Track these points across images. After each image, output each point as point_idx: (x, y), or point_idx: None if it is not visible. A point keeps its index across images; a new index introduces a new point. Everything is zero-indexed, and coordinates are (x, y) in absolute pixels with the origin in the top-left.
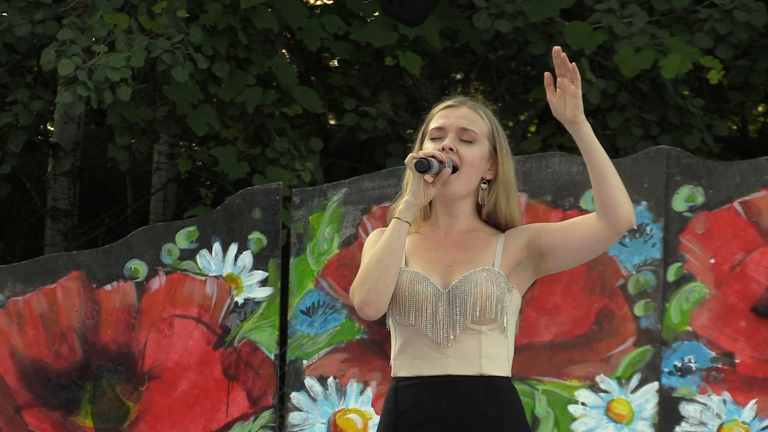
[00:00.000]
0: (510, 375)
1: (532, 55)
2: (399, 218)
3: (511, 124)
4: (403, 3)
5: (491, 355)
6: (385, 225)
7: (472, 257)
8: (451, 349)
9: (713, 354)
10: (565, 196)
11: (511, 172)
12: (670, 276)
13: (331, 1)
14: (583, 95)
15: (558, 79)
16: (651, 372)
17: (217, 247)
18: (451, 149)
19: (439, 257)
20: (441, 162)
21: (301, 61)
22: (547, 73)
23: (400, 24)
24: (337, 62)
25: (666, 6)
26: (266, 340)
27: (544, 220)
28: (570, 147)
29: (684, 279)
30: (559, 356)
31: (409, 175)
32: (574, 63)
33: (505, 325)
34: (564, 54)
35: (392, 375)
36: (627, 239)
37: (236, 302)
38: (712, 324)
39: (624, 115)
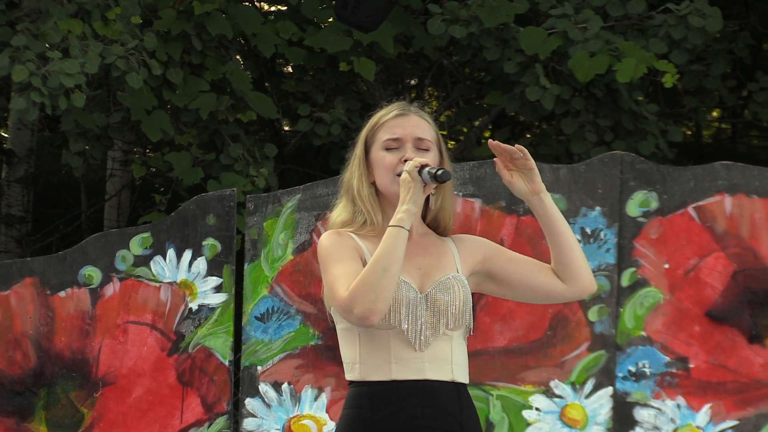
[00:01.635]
0: (468, 382)
1: (487, 61)
2: (402, 227)
3: (465, 129)
4: (357, 9)
5: (459, 361)
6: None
7: (439, 262)
8: (426, 353)
9: (667, 359)
10: (520, 201)
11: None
12: (624, 281)
13: (285, 7)
14: (538, 101)
15: (509, 161)
16: (605, 377)
17: (171, 253)
18: (407, 161)
19: (407, 260)
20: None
21: (256, 67)
22: (495, 159)
23: (354, 30)
24: (292, 68)
25: (620, 12)
26: (221, 346)
27: (498, 226)
28: None
29: (638, 284)
30: (513, 362)
31: (409, 184)
32: (517, 145)
33: (471, 329)
34: (496, 143)
35: (358, 379)
36: (581, 244)
37: (190, 308)
38: (666, 329)
39: (578, 120)
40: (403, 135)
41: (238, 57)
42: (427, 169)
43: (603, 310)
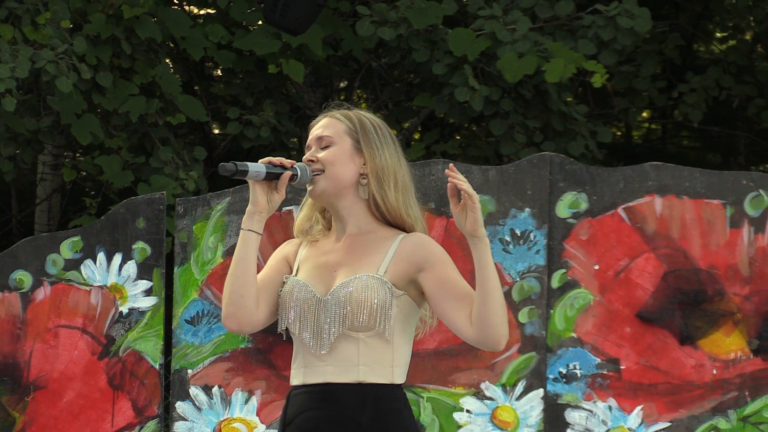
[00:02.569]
0: (396, 382)
1: (416, 63)
2: (243, 228)
3: (394, 132)
4: (285, 12)
5: (370, 362)
6: (270, 233)
7: (357, 262)
8: (329, 356)
9: (598, 360)
10: (449, 203)
11: (387, 161)
12: (555, 283)
13: (214, 11)
14: (467, 102)
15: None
16: (536, 379)
17: (101, 257)
18: (311, 160)
19: (327, 263)
20: (281, 166)
21: (185, 70)
22: (449, 184)
23: (282, 33)
24: (221, 71)
25: (549, 13)
26: (151, 349)
27: (428, 227)
28: (453, 154)
29: (568, 285)
30: (443, 364)
31: (250, 184)
32: (465, 187)
33: (387, 332)
34: (453, 175)
35: (290, 384)
36: (511, 246)
37: (121, 312)
38: (596, 330)
39: (507, 122)
40: (309, 141)
41: (167, 60)
42: (246, 164)
43: (533, 312)
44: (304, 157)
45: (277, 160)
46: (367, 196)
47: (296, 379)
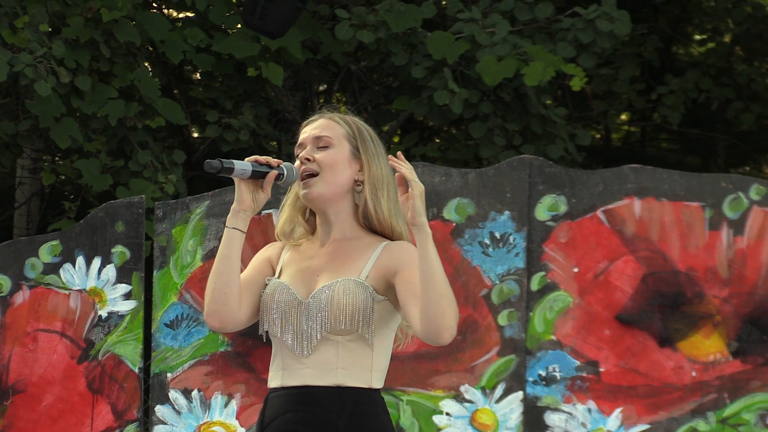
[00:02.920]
0: (375, 386)
1: (395, 66)
2: (227, 226)
3: None
4: (264, 15)
5: (349, 366)
6: (250, 237)
7: (339, 267)
8: (309, 359)
9: (578, 363)
10: (428, 206)
11: (382, 171)
12: (534, 285)
13: (193, 14)
14: (446, 105)
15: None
16: (515, 381)
17: (80, 260)
18: (308, 159)
19: (310, 267)
20: (267, 165)
21: (164, 73)
22: (398, 174)
23: (262, 36)
24: (200, 74)
25: (528, 16)
26: (130, 353)
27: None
28: (433, 157)
29: (548, 288)
30: (423, 366)
31: (236, 182)
32: (407, 174)
33: (368, 336)
34: (398, 162)
35: (268, 386)
36: (490, 249)
37: (100, 316)
38: (576, 333)
39: (487, 125)
40: (304, 140)
41: (146, 64)
42: (231, 162)
43: (513, 315)
44: (300, 155)
45: (263, 158)
46: (360, 203)
47: (274, 381)
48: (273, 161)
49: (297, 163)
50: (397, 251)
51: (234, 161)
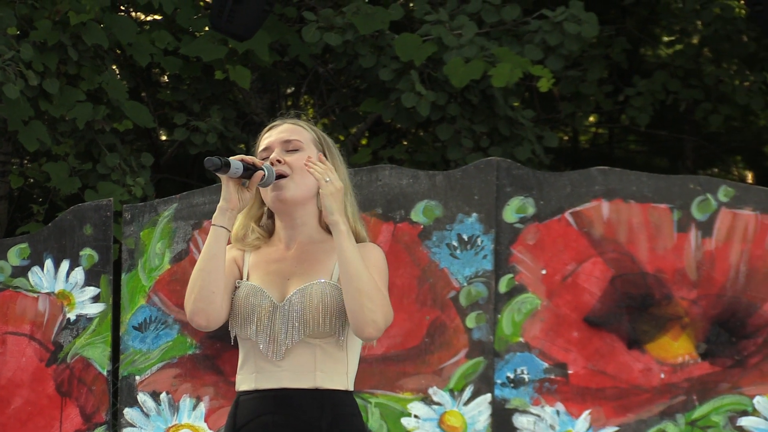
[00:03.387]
0: (350, 389)
1: (362, 68)
2: (214, 224)
3: (342, 137)
4: (231, 18)
5: (327, 368)
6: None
7: (310, 269)
8: (285, 362)
9: (546, 365)
10: (396, 208)
11: (345, 177)
12: (502, 287)
13: (160, 17)
14: (413, 108)
15: None
16: (484, 384)
17: (49, 263)
18: (279, 161)
19: (279, 270)
20: (252, 165)
21: (132, 76)
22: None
23: (229, 38)
24: (167, 77)
25: (495, 18)
26: (99, 356)
27: (375, 233)
28: (400, 160)
29: (516, 290)
30: (391, 369)
31: (223, 181)
32: (317, 175)
33: (343, 338)
34: (311, 164)
35: (236, 389)
36: (458, 251)
37: (68, 319)
38: (544, 335)
39: (454, 127)
40: (270, 143)
41: (114, 67)
42: (232, 161)
43: (481, 317)
44: (271, 157)
45: (249, 158)
46: (318, 205)
47: (246, 384)
48: (257, 162)
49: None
50: (364, 252)
51: (230, 159)
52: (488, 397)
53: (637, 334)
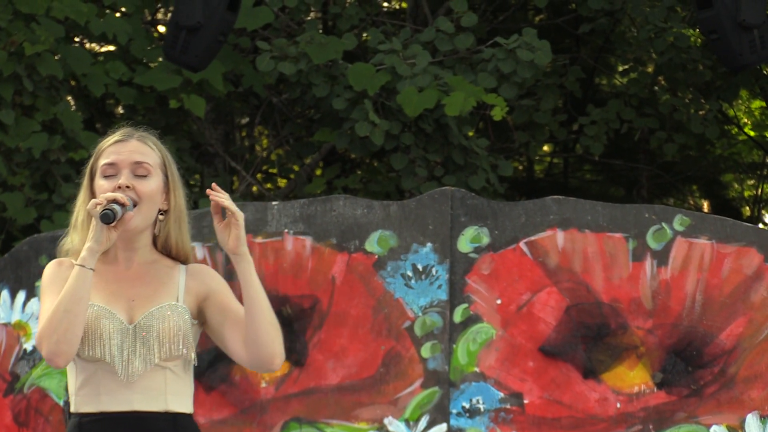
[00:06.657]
0: (192, 412)
1: (316, 98)
2: (83, 266)
3: (296, 168)
4: (185, 48)
5: (176, 391)
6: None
7: (155, 292)
8: (137, 385)
9: (501, 395)
10: (350, 238)
11: (183, 200)
12: (457, 317)
13: (114, 48)
14: (367, 137)
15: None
16: (439, 413)
17: (5, 294)
18: (128, 187)
19: (121, 291)
20: (123, 205)
21: (86, 107)
22: (213, 202)
23: (183, 69)
24: (122, 108)
25: (449, 46)
26: (55, 386)
27: (329, 263)
28: (354, 189)
29: (470, 320)
30: (346, 399)
31: (92, 221)
32: (227, 204)
33: (190, 360)
34: (211, 192)
35: (72, 410)
36: (413, 281)
37: (25, 349)
38: (499, 365)
39: (408, 156)
40: (119, 161)
41: (68, 97)
42: (116, 205)
43: (436, 347)
44: (120, 182)
45: (120, 197)
46: (162, 231)
47: (88, 406)
48: (120, 198)
49: (105, 183)
50: (203, 275)
51: (115, 206)
52: (444, 427)
53: (592, 364)
